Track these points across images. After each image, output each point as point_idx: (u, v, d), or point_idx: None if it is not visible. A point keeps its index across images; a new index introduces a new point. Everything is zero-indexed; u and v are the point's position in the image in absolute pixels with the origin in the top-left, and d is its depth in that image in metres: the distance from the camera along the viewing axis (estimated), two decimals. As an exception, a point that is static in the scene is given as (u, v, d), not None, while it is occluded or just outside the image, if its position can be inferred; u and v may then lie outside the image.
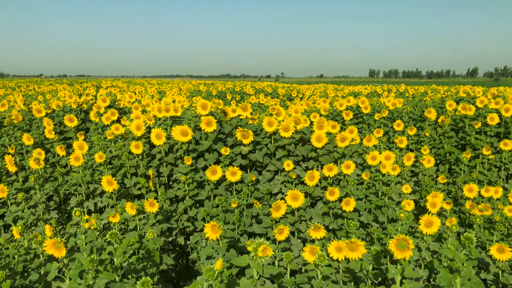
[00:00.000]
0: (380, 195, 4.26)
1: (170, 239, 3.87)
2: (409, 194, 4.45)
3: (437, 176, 5.26)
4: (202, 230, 4.06)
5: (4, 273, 2.36)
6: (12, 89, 22.67)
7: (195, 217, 4.11)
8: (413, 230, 3.67)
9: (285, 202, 3.50)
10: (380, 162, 4.30)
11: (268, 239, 3.61)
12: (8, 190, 3.87)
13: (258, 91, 16.43)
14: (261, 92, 15.99)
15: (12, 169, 4.24)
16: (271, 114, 4.89)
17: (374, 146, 5.01)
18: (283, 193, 4.15)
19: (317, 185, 4.04)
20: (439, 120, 6.12)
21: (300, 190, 3.59)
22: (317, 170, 4.10)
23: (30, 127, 6.18)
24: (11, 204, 4.08)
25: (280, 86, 21.20)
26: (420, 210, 4.59)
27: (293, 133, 4.26)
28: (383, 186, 4.30)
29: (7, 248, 3.10)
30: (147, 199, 3.58)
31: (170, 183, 4.62)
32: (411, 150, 6.20)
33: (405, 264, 2.33)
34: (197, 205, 4.23)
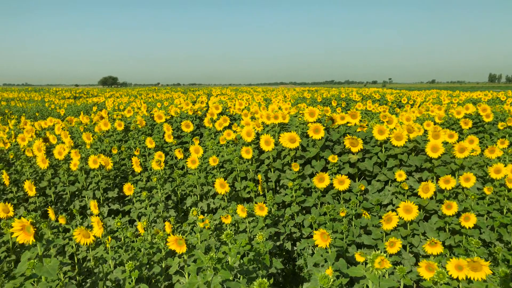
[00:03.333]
0: (505, 212, 3.86)
1: (277, 243, 3.94)
2: (542, 213, 3.96)
3: None
4: (308, 237, 4.07)
5: (133, 263, 2.62)
6: (135, 96, 25.16)
7: (301, 223, 4.13)
8: (547, 253, 3.26)
9: (397, 214, 3.37)
10: (506, 176, 3.90)
11: (376, 251, 3.49)
12: (134, 188, 4.29)
13: (364, 98, 16.00)
14: (368, 98, 15.54)
15: (138, 169, 4.69)
16: (382, 122, 4.75)
17: (498, 158, 4.55)
18: (393, 205, 4.00)
19: (431, 198, 3.81)
20: None
21: (413, 202, 3.42)
22: (432, 181, 3.86)
23: (152, 132, 6.78)
24: (136, 201, 4.51)
25: (388, 92, 20.37)
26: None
27: (406, 142, 4.08)
28: (509, 202, 3.89)
29: (133, 241, 3.44)
30: (256, 203, 3.69)
31: (277, 188, 4.71)
32: (543, 164, 5.51)
33: (540, 291, 2.09)
34: (304, 211, 4.25)
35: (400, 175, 3.85)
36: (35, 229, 2.16)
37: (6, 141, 5.98)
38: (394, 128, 4.40)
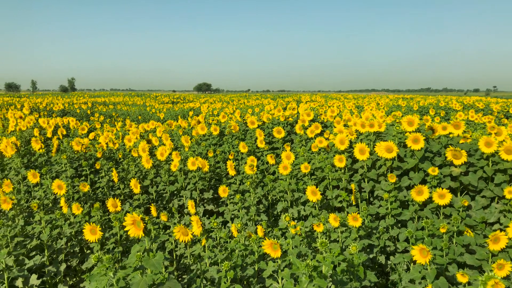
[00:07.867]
0: None
1: (370, 256, 3.82)
2: None
3: None
4: (403, 251, 3.90)
5: (229, 264, 2.72)
6: (227, 102, 26.13)
7: (396, 237, 3.97)
8: None
9: (506, 234, 3.09)
10: None
11: (481, 273, 3.24)
12: (228, 191, 4.44)
13: (466, 107, 14.92)
14: (470, 107, 14.48)
15: (232, 172, 4.85)
16: (489, 133, 4.40)
17: None
18: (501, 224, 3.67)
19: (548, 219, 3.43)
20: None
21: (526, 223, 3.11)
22: (549, 201, 3.48)
23: (244, 137, 6.97)
24: (230, 203, 4.67)
25: (493, 101, 18.77)
26: None
27: (518, 156, 3.73)
28: None
29: (226, 242, 3.55)
30: (348, 213, 3.62)
31: (371, 199, 4.57)
32: None
33: None
34: (399, 225, 4.07)
35: (510, 191, 3.53)
36: (144, 224, 2.34)
37: (115, 142, 6.55)
38: (504, 140, 4.05)
